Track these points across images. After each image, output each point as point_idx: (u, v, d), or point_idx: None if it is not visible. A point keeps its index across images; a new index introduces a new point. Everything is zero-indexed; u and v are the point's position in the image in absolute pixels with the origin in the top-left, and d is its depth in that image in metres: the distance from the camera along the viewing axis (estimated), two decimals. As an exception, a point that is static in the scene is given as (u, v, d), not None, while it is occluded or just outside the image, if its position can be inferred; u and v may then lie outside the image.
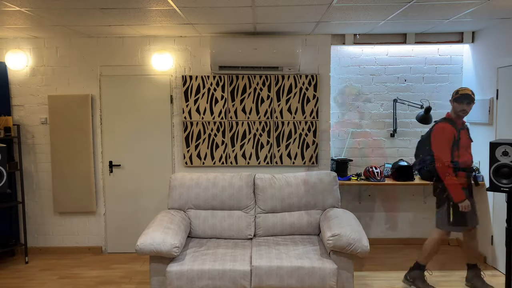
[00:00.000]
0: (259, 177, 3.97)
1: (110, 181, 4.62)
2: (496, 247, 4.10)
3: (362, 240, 3.14)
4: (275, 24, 3.99)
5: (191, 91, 4.50)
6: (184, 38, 4.53)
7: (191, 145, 4.56)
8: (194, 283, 3.12)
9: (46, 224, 4.66)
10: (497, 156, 2.95)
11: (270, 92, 4.51)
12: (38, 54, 4.54)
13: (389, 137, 4.78)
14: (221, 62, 4.23)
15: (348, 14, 3.59)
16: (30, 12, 3.42)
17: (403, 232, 4.87)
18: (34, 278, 4.00)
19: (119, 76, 4.54)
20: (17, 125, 4.47)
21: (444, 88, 4.73)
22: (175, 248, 3.15)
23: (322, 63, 4.53)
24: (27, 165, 4.62)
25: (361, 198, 4.83)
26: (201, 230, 3.83)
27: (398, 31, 4.39)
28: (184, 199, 3.89)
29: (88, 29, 4.12)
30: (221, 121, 4.53)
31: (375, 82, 4.73)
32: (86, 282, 3.88)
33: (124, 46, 4.53)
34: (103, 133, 4.58)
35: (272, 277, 3.15)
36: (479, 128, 4.38)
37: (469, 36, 4.48)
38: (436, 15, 3.69)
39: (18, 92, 4.56)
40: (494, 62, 4.10)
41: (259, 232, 3.86)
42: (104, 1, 3.13)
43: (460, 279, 3.84)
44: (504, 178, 2.93)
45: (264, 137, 4.54)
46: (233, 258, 3.27)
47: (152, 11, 3.44)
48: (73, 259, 4.48)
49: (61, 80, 4.56)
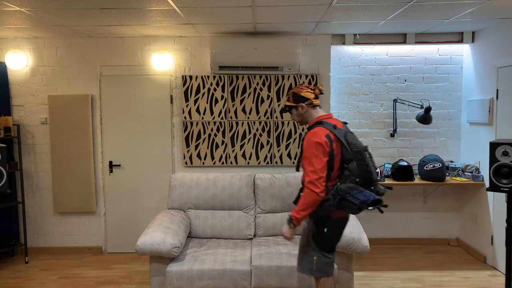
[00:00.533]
0: (259, 177, 3.97)
1: (110, 181, 4.62)
2: (496, 247, 4.10)
3: (362, 240, 3.14)
4: (275, 24, 3.99)
5: (191, 91, 4.50)
6: (184, 38, 4.53)
7: (191, 145, 4.56)
8: (194, 283, 3.12)
9: (46, 224, 4.66)
10: (497, 156, 2.96)
11: (270, 92, 4.51)
12: (38, 54, 4.54)
13: (389, 137, 4.78)
14: (221, 62, 4.23)
15: (348, 14, 3.59)
16: (30, 12, 3.42)
17: (403, 232, 4.87)
18: (34, 278, 4.00)
19: (119, 76, 4.54)
20: (17, 125, 4.47)
21: (444, 88, 4.73)
22: (175, 248, 3.15)
23: (322, 63, 4.53)
24: (27, 165, 4.62)
25: (361, 198, 4.82)
26: (201, 230, 3.83)
27: (398, 31, 4.39)
28: (184, 199, 3.89)
29: (88, 29, 4.12)
30: (221, 121, 4.53)
31: (375, 82, 4.73)
32: (86, 282, 3.88)
33: (124, 46, 4.53)
34: (103, 133, 4.58)
35: (272, 277, 3.15)
36: (479, 128, 4.38)
37: (469, 36, 4.48)
38: (436, 15, 3.68)
39: (18, 92, 4.56)
40: (494, 62, 4.10)
41: (259, 232, 3.86)
42: (104, 1, 3.13)
43: (460, 279, 3.84)
44: (504, 178, 2.94)
45: (264, 137, 4.54)
46: (233, 258, 3.27)
47: (152, 11, 3.44)
48: (73, 259, 4.48)
49: (61, 80, 4.56)
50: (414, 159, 4.75)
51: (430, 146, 4.77)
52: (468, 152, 4.60)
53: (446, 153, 4.77)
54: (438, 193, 4.80)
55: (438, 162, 4.32)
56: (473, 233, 4.51)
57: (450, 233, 4.85)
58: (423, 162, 4.41)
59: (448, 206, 4.82)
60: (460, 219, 4.79)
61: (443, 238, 4.84)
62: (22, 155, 4.51)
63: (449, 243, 4.82)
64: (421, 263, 4.25)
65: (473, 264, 4.24)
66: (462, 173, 4.46)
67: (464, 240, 4.69)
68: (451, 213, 4.83)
